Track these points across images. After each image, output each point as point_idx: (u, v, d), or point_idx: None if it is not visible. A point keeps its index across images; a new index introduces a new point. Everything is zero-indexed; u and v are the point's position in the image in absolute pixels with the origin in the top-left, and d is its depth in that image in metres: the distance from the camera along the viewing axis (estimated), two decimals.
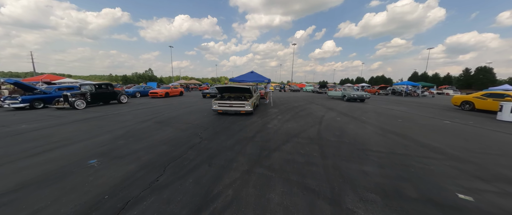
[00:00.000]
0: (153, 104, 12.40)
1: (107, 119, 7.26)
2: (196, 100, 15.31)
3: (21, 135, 5.04)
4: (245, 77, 12.07)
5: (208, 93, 17.48)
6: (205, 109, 9.94)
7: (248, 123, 6.43)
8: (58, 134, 5.16)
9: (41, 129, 5.75)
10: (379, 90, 27.49)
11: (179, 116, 7.78)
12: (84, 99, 10.66)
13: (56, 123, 6.50)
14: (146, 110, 9.47)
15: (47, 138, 4.80)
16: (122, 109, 10.04)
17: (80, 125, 6.16)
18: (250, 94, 9.00)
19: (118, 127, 5.94)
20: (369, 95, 14.65)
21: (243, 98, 8.60)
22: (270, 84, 13.61)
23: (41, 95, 10.76)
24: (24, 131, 5.47)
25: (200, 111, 9.28)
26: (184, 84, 35.28)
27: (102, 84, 12.21)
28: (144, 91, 18.98)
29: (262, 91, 14.51)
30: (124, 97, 13.24)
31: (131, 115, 8.15)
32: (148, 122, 6.59)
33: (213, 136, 4.97)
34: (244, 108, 7.63)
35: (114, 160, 3.49)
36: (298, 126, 6.17)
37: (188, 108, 10.42)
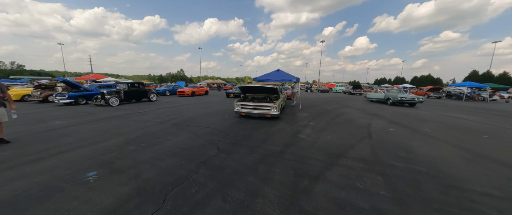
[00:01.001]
0: (178, 103, 12.32)
1: (129, 118, 7.07)
2: (220, 99, 14.87)
3: (45, 133, 4.96)
4: (271, 76, 10.92)
5: (231, 92, 16.96)
6: (227, 110, 9.17)
7: (274, 131, 5.29)
8: (77, 133, 4.93)
9: (67, 126, 5.71)
10: (429, 92, 22.92)
11: (198, 118, 7.12)
12: (118, 97, 11.10)
13: (83, 121, 6.51)
14: (168, 110, 9.21)
15: (64, 137, 4.56)
16: (148, 107, 10.04)
17: (101, 124, 5.97)
18: (277, 95, 7.82)
19: (136, 128, 5.52)
20: (422, 98, 11.84)
21: (269, 100, 7.48)
22: (298, 84, 12.16)
23: (84, 92, 11.65)
24: (52, 128, 5.46)
25: (222, 112, 8.53)
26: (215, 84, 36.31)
27: (134, 82, 12.68)
28: (173, 90, 19.60)
29: (289, 92, 13.14)
30: (154, 96, 13.57)
31: (153, 114, 7.89)
32: (165, 124, 6.06)
33: (232, 146, 4.00)
34: (270, 111, 6.51)
35: (113, 175, 2.80)
36: (340, 138, 4.75)
37: (210, 108, 9.84)
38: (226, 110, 9.03)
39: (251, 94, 8.33)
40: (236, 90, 17.54)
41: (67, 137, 4.62)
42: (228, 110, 8.97)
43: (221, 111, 8.74)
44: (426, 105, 13.26)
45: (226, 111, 8.85)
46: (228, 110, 9.15)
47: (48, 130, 5.26)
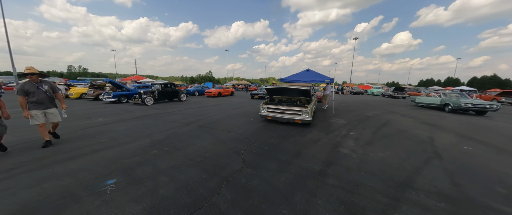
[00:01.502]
0: (205, 103, 12.45)
1: (159, 118, 7.20)
2: (245, 101, 14.56)
3: (86, 130, 5.26)
4: (300, 76, 10.00)
5: (256, 94, 16.51)
6: (252, 112, 8.67)
7: (307, 141, 4.49)
8: (111, 132, 5.07)
9: (106, 124, 6.04)
10: (499, 97, 18.19)
11: (223, 120, 6.79)
12: (153, 97, 11.82)
13: (120, 119, 6.87)
14: (195, 110, 9.23)
15: (100, 135, 4.70)
16: (177, 107, 10.32)
17: (133, 123, 6.15)
18: (309, 98, 6.93)
19: (163, 129, 5.45)
20: (497, 105, 9.16)
21: (299, 103, 6.65)
22: (330, 85, 10.90)
23: (126, 92, 12.81)
24: (93, 125, 5.83)
25: (247, 114, 8.07)
26: (242, 85, 36.91)
27: (167, 83, 13.38)
28: (201, 90, 20.31)
29: (320, 94, 11.94)
30: (184, 96, 14.11)
31: (181, 114, 7.93)
32: (191, 126, 5.87)
33: (258, 158, 3.40)
34: (301, 116, 5.70)
35: (130, 186, 2.52)
36: (397, 157, 3.67)
37: (235, 110, 9.51)
38: (251, 113, 8.54)
39: (278, 96, 7.63)
40: (261, 91, 17.05)
41: (102, 135, 4.77)
42: (253, 113, 8.47)
43: (246, 114, 8.29)
44: (500, 113, 10.30)
45: (251, 113, 8.37)
46: (253, 112, 8.66)
47: (89, 127, 5.61)
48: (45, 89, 3.84)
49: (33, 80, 3.74)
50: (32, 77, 3.72)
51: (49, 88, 3.93)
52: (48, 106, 3.89)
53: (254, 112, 8.81)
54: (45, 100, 3.83)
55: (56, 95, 4.11)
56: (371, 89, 28.33)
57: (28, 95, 3.69)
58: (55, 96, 4.08)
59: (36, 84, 3.75)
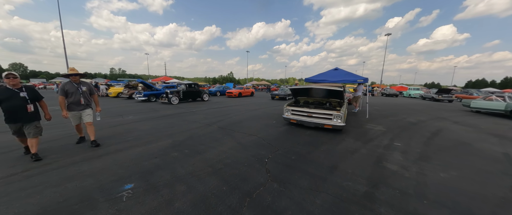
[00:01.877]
0: (226, 103, 12.41)
1: (182, 117, 7.25)
2: (265, 101, 14.13)
3: (116, 128, 5.48)
4: (327, 76, 9.13)
5: (276, 94, 15.92)
6: (273, 114, 8.18)
7: (341, 151, 3.83)
8: (137, 130, 5.17)
9: (135, 122, 6.27)
10: None
11: (244, 122, 6.46)
12: (178, 96, 12.26)
13: (147, 117, 7.12)
14: (217, 110, 9.15)
15: (127, 134, 4.80)
16: (200, 107, 10.44)
17: (158, 122, 6.25)
18: (340, 100, 6.15)
19: (185, 129, 5.37)
20: None
21: (329, 106, 5.93)
22: (363, 86, 9.76)
23: (154, 91, 13.60)
24: (123, 123, 6.09)
25: (268, 116, 7.62)
26: (264, 86, 36.71)
27: (191, 84, 13.78)
28: (222, 91, 20.60)
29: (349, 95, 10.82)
30: (206, 96, 14.37)
31: (203, 114, 7.89)
32: (212, 127, 5.68)
33: (285, 170, 2.92)
34: (332, 121, 5.01)
35: (147, 195, 2.31)
36: (466, 179, 2.79)
37: (256, 111, 9.14)
38: (272, 115, 8.06)
39: (304, 98, 6.98)
40: (281, 92, 16.41)
41: (129, 133, 4.86)
42: (274, 115, 7.98)
43: (267, 115, 7.85)
44: None
45: (272, 115, 7.89)
46: (274, 114, 8.17)
47: (119, 125, 5.86)
48: (83, 90, 3.86)
49: (75, 81, 3.79)
50: (75, 78, 3.78)
51: (87, 90, 3.95)
52: (83, 107, 3.88)
53: (276, 114, 8.31)
54: (82, 102, 3.83)
55: (93, 97, 4.10)
56: (408, 90, 25.03)
57: (67, 95, 3.73)
58: (92, 98, 4.08)
59: (76, 85, 3.80)
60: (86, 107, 3.94)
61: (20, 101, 2.93)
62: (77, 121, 3.90)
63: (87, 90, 3.95)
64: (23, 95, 2.95)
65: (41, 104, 3.42)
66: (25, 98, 2.97)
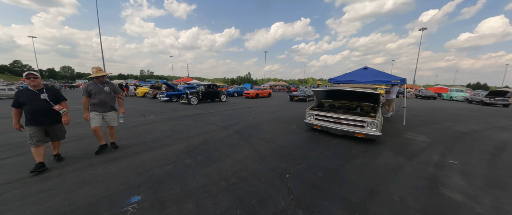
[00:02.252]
0: (243, 104, 12.15)
1: (199, 118, 7.13)
2: (283, 103, 13.49)
3: (136, 128, 5.55)
4: (355, 76, 8.17)
5: (296, 96, 15.12)
6: (293, 117, 7.58)
7: (380, 168, 3.12)
8: (156, 131, 5.13)
9: (154, 122, 6.33)
10: None
11: (262, 125, 6.02)
12: (197, 97, 12.43)
13: (167, 117, 7.18)
14: (234, 112, 8.90)
15: (145, 135, 4.77)
16: (217, 108, 10.34)
17: (177, 123, 6.19)
18: (375, 105, 5.31)
19: (201, 132, 5.17)
20: None
21: (361, 111, 5.14)
22: (397, 88, 8.54)
23: (176, 92, 14.06)
24: (144, 123, 6.18)
25: (287, 120, 7.05)
26: (283, 86, 35.88)
27: (210, 84, 13.90)
28: (240, 91, 20.52)
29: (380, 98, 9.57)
30: (224, 96, 14.35)
31: (220, 116, 7.69)
32: (228, 130, 5.38)
33: (312, 193, 2.39)
34: (365, 129, 4.25)
35: (152, 210, 2.03)
36: None
37: (274, 113, 8.63)
38: (291, 118, 7.47)
39: (329, 101, 6.25)
40: (301, 93, 15.55)
41: (147, 135, 4.83)
42: (294, 118, 7.38)
43: (287, 118, 7.28)
44: None
45: (292, 119, 7.30)
46: (294, 118, 7.56)
47: (140, 125, 5.95)
48: (107, 90, 3.62)
49: (99, 81, 3.58)
50: (101, 78, 3.58)
51: (111, 90, 3.69)
52: (107, 109, 3.64)
53: (295, 117, 7.69)
54: (106, 102, 3.59)
55: (117, 97, 3.86)
56: (449, 92, 21.70)
57: (91, 96, 3.52)
58: (116, 98, 3.84)
59: (100, 85, 3.58)
60: (111, 109, 3.71)
61: (41, 103, 2.94)
62: (98, 122, 3.58)
63: (112, 90, 3.68)
64: (44, 97, 2.96)
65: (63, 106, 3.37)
66: (46, 100, 2.98)
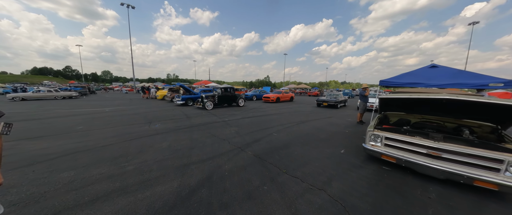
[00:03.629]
0: (263, 110, 10.47)
1: (211, 129, 5.66)
2: (310, 109, 11.40)
3: (132, 142, 4.29)
4: (418, 76, 5.89)
5: (324, 101, 12.83)
6: (333, 132, 5.60)
7: None
8: (150, 151, 3.76)
9: (155, 134, 5.06)
10: None
11: (293, 146, 4.23)
12: (213, 101, 11.21)
13: (173, 127, 5.90)
14: (253, 121, 7.27)
15: (136, 155, 3.42)
16: (234, 114, 8.86)
17: (181, 137, 4.79)
18: (501, 126, 3.11)
19: (207, 155, 3.63)
20: None
21: (472, 136, 2.99)
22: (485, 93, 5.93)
23: (191, 95, 13.12)
24: (144, 135, 4.95)
25: (326, 137, 5.12)
26: (301, 89, 33.25)
27: (227, 87, 12.61)
28: (259, 95, 18.94)
29: None
30: (242, 101, 12.92)
31: (236, 126, 6.13)
32: (246, 153, 3.73)
33: None
34: (499, 175, 2.18)
35: None
36: None
37: (304, 124, 6.73)
38: (332, 134, 5.50)
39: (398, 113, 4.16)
40: (331, 98, 13.19)
41: (139, 155, 3.49)
42: (336, 134, 5.41)
43: (325, 134, 5.35)
44: None
45: (333, 135, 5.34)
46: (335, 133, 5.58)
47: (138, 137, 4.72)
48: None
49: None
50: None
51: None
52: None
53: (336, 132, 5.70)
54: None
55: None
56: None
57: None
58: None
59: None
60: None
61: None
62: None
63: None
64: None
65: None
66: None
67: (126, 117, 7.84)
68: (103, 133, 5.22)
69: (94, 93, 26.48)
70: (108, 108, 10.71)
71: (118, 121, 7.00)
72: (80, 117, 7.77)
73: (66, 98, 17.57)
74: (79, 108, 10.93)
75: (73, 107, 11.08)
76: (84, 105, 12.59)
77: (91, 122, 6.84)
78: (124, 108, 11.08)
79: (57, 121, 7.00)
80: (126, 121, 6.94)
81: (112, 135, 5.00)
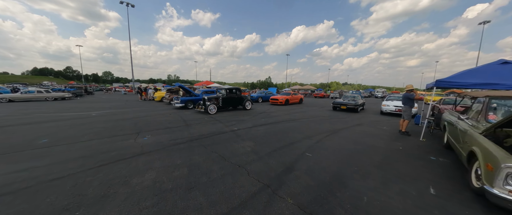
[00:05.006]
0: (276, 115, 8.93)
1: (216, 145, 4.12)
2: (328, 114, 9.83)
3: (99, 170, 2.75)
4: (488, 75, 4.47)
5: (342, 104, 11.21)
6: (383, 150, 4.06)
7: None
8: (126, 185, 2.22)
9: (140, 154, 3.53)
10: None
11: (347, 181, 2.68)
12: (216, 104, 9.70)
13: (166, 142, 4.36)
14: (270, 130, 5.73)
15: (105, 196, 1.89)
16: (243, 121, 7.33)
17: (175, 160, 3.25)
18: None
19: (223, 208, 2.09)
20: None
21: None
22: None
23: (192, 97, 11.61)
24: (126, 153, 3.42)
25: (383, 159, 3.57)
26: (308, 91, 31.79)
27: (232, 88, 11.10)
28: (265, 97, 17.42)
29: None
30: (249, 104, 11.39)
31: (250, 139, 4.59)
32: (281, 197, 2.19)
33: None
34: None
35: None
36: None
37: (335, 135, 5.18)
38: (384, 152, 3.95)
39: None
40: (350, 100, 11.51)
41: (105, 205, 1.94)
42: (389, 153, 3.87)
43: (375, 153, 3.79)
44: None
45: (387, 154, 3.79)
46: (384, 149, 4.04)
47: (115, 161, 3.19)
48: None
49: None
50: None
51: None
52: None
53: (385, 148, 4.15)
54: None
55: None
56: None
57: None
58: None
59: None
60: None
61: None
62: None
63: None
64: None
65: None
66: None
67: (112, 125, 6.33)
68: (69, 151, 3.72)
69: (91, 94, 25.05)
70: (96, 112, 9.20)
71: (99, 130, 5.49)
72: (56, 124, 6.28)
73: (58, 100, 16.14)
74: (65, 111, 9.45)
75: (58, 111, 9.59)
76: (73, 107, 11.11)
77: (65, 131, 5.34)
78: (115, 111, 9.58)
79: (23, 129, 5.50)
80: (109, 131, 5.43)
81: (79, 155, 3.49)
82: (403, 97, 5.98)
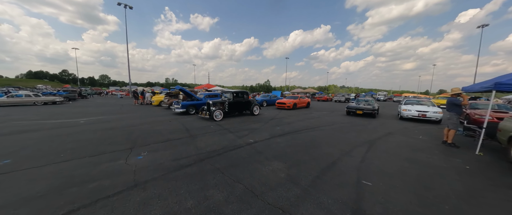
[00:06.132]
0: (289, 122, 7.90)
1: (239, 169, 3.05)
2: (346, 120, 8.84)
3: None
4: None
5: (358, 109, 10.25)
6: (447, 169, 3.06)
7: None
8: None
9: (137, 186, 2.45)
10: None
11: None
12: (222, 109, 8.64)
13: (167, 162, 3.28)
14: (290, 142, 4.69)
15: None
16: (255, 129, 6.27)
17: (190, 198, 2.17)
18: None
19: None
20: None
21: None
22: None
23: (194, 102, 10.53)
24: (108, 192, 2.34)
25: (464, 191, 2.56)
26: (308, 94, 31.10)
27: (239, 92, 10.07)
28: (270, 101, 16.45)
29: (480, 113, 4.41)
30: (257, 108, 10.35)
31: (276, 159, 3.53)
32: None
33: None
34: None
35: None
36: None
37: (374, 150, 4.16)
38: (456, 174, 2.94)
39: None
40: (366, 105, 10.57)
41: None
42: (457, 175, 2.86)
43: (442, 177, 2.78)
44: None
45: (460, 179, 2.78)
46: (446, 169, 3.05)
47: (93, 202, 2.10)
48: None
49: None
50: None
51: None
52: None
53: (446, 167, 3.17)
54: None
55: None
56: None
57: None
58: None
59: None
60: None
61: None
62: None
63: None
64: None
65: None
66: None
67: (100, 135, 5.21)
68: (31, 180, 2.62)
69: (85, 97, 23.65)
70: (85, 119, 8.02)
71: (83, 144, 4.37)
72: (33, 135, 5.12)
73: (48, 104, 14.82)
74: (52, 118, 8.25)
75: (44, 117, 8.38)
76: (62, 113, 9.89)
77: (40, 145, 4.22)
78: (107, 118, 8.41)
79: None
80: (96, 144, 4.32)
81: (42, 188, 2.40)
82: (447, 102, 5.07)
